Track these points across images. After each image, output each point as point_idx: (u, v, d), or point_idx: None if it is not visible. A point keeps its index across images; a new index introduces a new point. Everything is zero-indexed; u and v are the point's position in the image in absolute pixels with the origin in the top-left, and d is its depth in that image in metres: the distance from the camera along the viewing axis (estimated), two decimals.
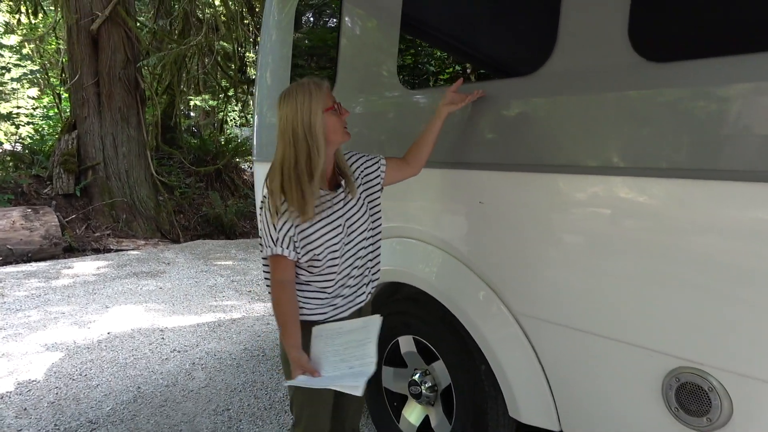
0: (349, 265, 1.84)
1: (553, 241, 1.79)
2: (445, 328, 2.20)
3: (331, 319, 1.84)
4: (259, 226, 1.75)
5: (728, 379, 1.42)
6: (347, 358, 1.73)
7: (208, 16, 9.43)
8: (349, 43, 2.60)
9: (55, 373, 3.55)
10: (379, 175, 1.93)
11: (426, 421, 2.39)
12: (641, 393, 1.60)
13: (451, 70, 2.29)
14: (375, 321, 1.79)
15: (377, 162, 1.94)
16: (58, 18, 9.31)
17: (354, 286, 1.87)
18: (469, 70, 2.22)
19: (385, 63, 2.38)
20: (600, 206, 1.66)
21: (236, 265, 6.58)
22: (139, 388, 3.34)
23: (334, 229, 1.76)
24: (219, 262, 6.72)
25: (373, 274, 1.97)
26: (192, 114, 14.51)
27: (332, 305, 1.84)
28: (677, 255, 1.48)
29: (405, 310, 2.41)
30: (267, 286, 1.84)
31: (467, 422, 2.14)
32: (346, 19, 2.60)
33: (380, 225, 1.96)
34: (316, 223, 1.72)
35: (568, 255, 1.75)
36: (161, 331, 4.31)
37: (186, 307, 4.93)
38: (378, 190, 1.94)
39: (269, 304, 4.96)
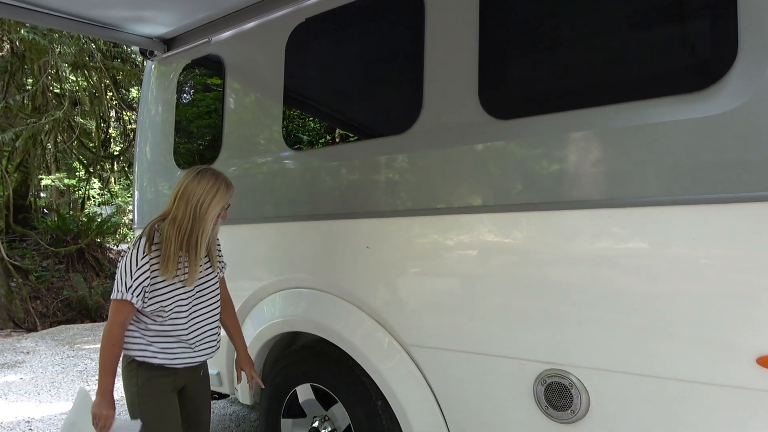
0: (197, 323, 2.03)
1: (432, 276, 2.05)
2: (342, 371, 2.33)
3: (168, 364, 1.98)
4: (117, 270, 1.90)
5: (583, 373, 1.71)
6: None
7: (67, 89, 9.05)
8: (233, 109, 2.77)
9: None
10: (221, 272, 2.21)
11: None
12: (518, 399, 1.85)
13: (334, 131, 2.54)
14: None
15: (223, 263, 2.22)
16: None
17: (199, 344, 2.05)
18: (350, 131, 2.49)
19: (271, 126, 2.57)
20: (465, 241, 1.96)
21: None
22: None
23: (184, 288, 1.97)
24: (87, 346, 6.22)
25: (217, 341, 2.16)
26: (43, 194, 13.38)
27: (171, 353, 1.99)
28: (529, 278, 1.81)
29: (302, 358, 2.51)
30: None
31: None
32: (229, 87, 2.78)
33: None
34: (171, 281, 1.93)
35: (445, 286, 2.01)
36: (27, 422, 3.91)
37: (54, 395, 4.50)
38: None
39: None
